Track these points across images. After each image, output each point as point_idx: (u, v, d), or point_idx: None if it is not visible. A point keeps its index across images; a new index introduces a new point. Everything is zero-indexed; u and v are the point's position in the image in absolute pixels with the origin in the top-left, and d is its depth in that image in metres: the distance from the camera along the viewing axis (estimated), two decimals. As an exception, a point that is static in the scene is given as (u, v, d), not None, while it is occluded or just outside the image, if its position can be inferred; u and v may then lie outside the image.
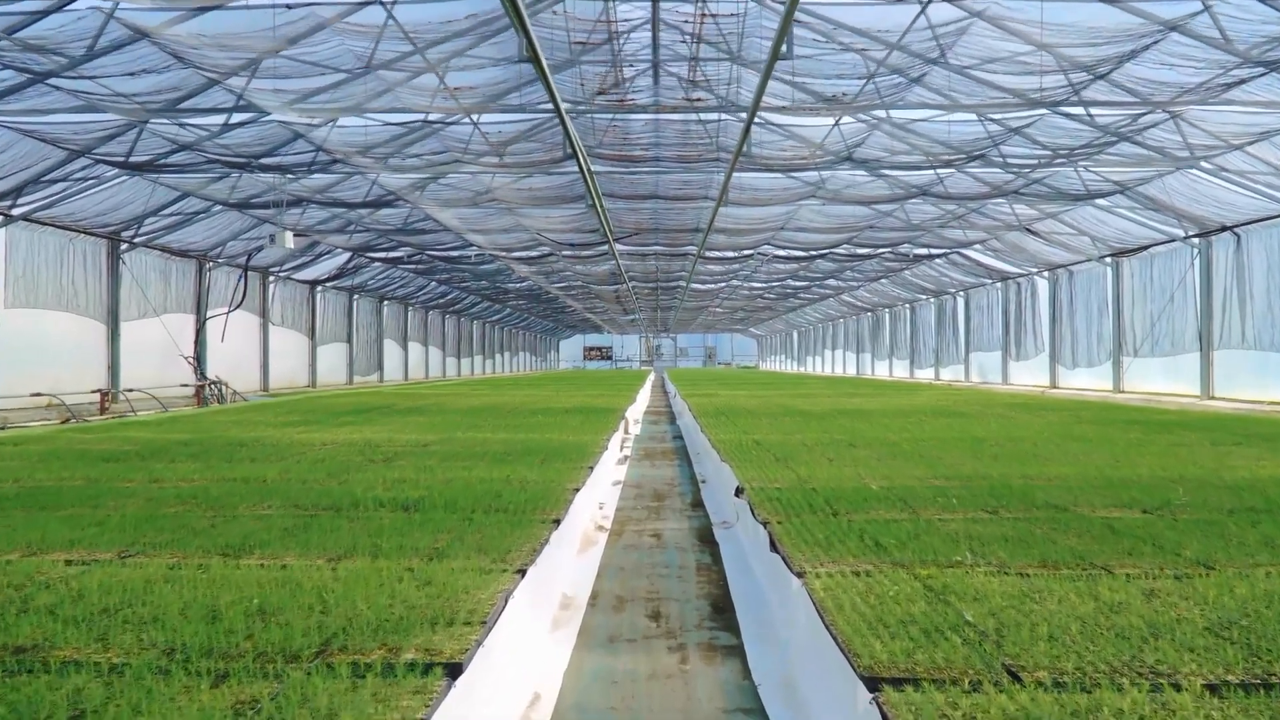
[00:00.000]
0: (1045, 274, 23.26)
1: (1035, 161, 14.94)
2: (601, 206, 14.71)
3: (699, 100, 11.76)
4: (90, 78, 9.13)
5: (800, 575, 3.74)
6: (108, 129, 11.48)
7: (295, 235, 19.81)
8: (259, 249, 18.80)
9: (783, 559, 4.13)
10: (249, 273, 19.21)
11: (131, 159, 12.60)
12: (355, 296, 29.90)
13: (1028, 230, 19.64)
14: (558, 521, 5.02)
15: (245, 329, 22.24)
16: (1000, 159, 15.01)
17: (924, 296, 33.02)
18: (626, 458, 10.99)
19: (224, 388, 18.24)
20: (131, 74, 9.14)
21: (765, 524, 4.95)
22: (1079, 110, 12.42)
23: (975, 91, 11.80)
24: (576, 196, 16.63)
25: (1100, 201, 16.41)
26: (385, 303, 33.26)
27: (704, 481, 8.82)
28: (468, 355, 47.92)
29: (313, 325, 26.34)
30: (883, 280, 32.23)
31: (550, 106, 8.82)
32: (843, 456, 7.83)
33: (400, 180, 16.09)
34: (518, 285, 36.89)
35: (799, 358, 63.19)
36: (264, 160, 13.74)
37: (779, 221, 20.36)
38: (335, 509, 5.21)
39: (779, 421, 11.86)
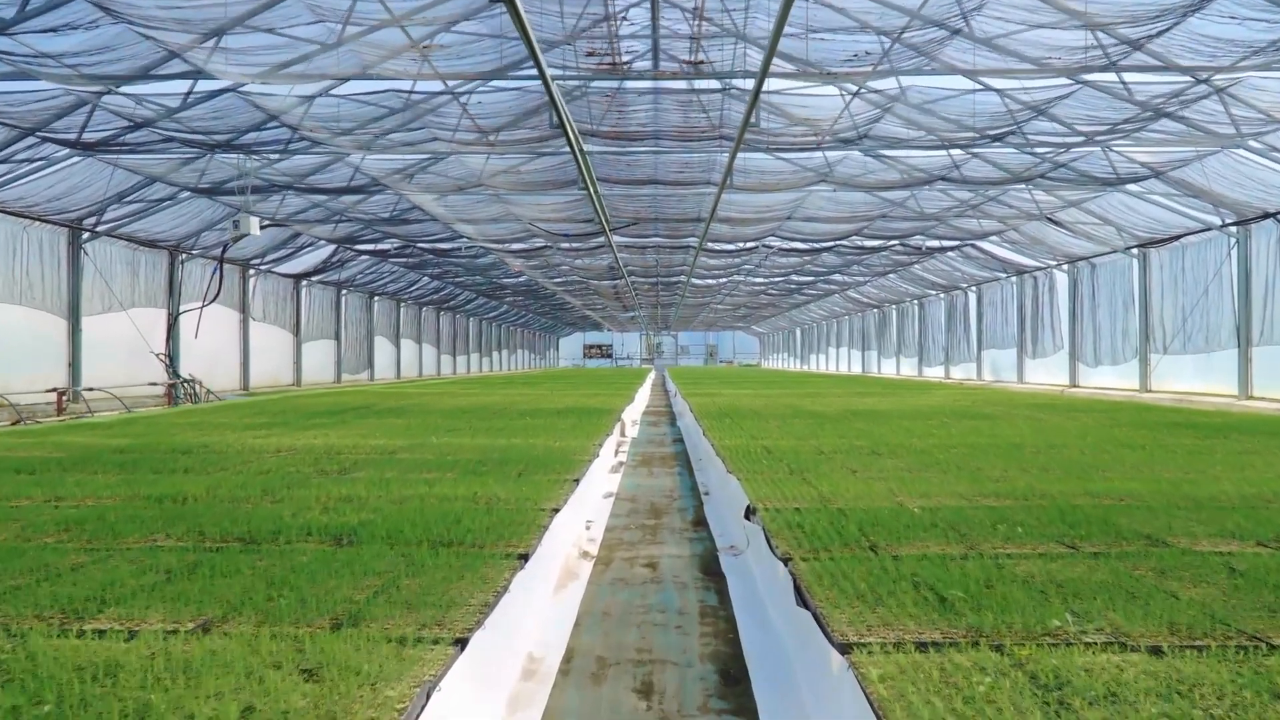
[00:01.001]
0: (1064, 267, 22.17)
1: (1062, 144, 13.88)
2: (596, 192, 13.66)
3: (702, 63, 10.69)
4: (12, 34, 8.07)
5: (845, 650, 2.70)
6: (43, 98, 10.41)
7: (273, 225, 18.78)
8: (235, 239, 17.76)
9: (815, 618, 3.10)
10: (224, 265, 18.19)
11: (84, 138, 11.58)
12: (343, 291, 28.82)
13: (1049, 219, 18.55)
14: (525, 557, 4.00)
15: (224, 325, 21.20)
16: (1024, 141, 13.94)
17: (934, 292, 31.93)
18: (622, 464, 9.98)
19: (198, 387, 17.21)
20: (54, 30, 8.08)
21: (786, 561, 3.93)
22: (1114, 82, 11.37)
23: (1001, 62, 10.77)
24: (569, 181, 15.56)
25: (1131, 187, 15.34)
26: (376, 298, 32.19)
27: (707, 494, 7.81)
28: (464, 353, 46.86)
29: (297, 321, 25.27)
30: (890, 275, 31.13)
31: (534, 71, 7.80)
32: (867, 467, 6.81)
33: (382, 164, 15.04)
34: (514, 281, 35.82)
35: (802, 356, 62.15)
36: (235, 141, 12.72)
37: (786, 210, 19.27)
38: (248, 540, 4.19)
39: (789, 424, 10.84)
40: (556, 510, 5.20)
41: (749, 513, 5.37)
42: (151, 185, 14.82)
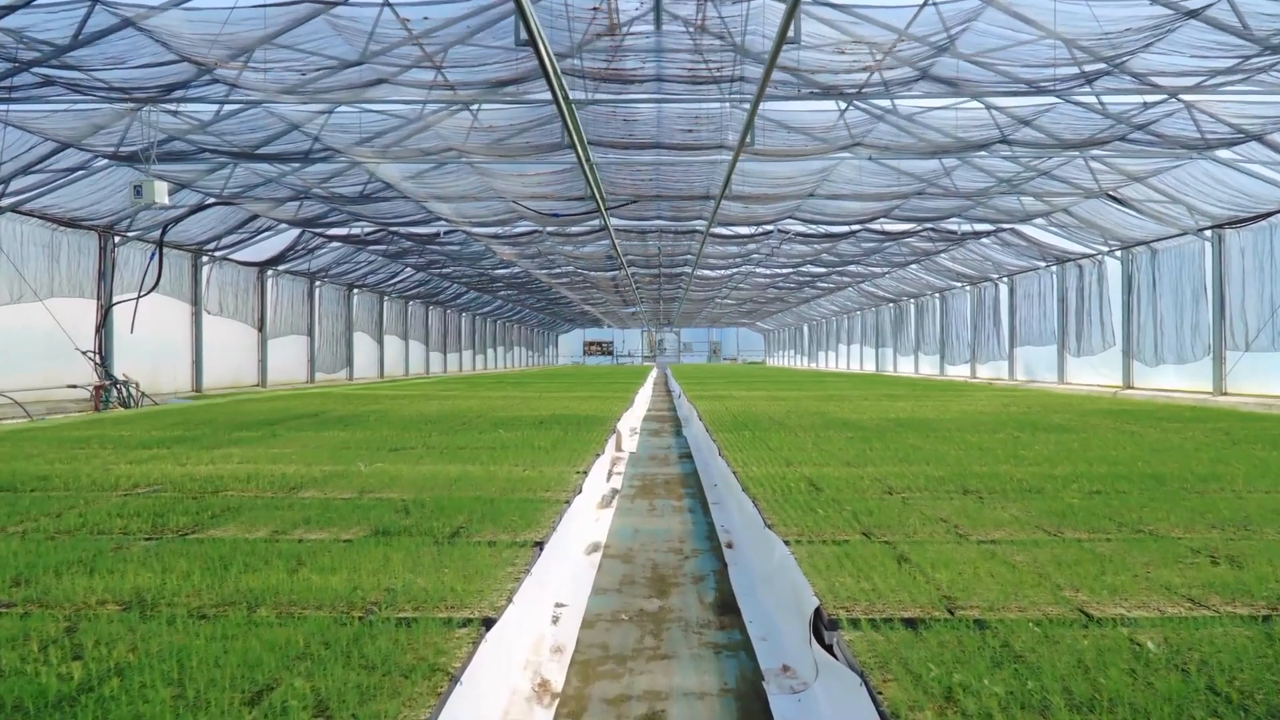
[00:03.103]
0: (1117, 253, 19.83)
1: (1141, 103, 11.64)
2: (587, 158, 11.46)
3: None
4: None
5: None
6: None
7: (221, 204, 16.55)
8: (175, 220, 15.50)
9: None
10: (169, 250, 15.95)
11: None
12: (317, 283, 26.47)
13: (1110, 197, 16.24)
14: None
15: (173, 319, 18.94)
16: (1097, 102, 11.71)
17: (959, 284, 29.58)
18: (615, 493, 7.76)
19: (133, 389, 15.01)
20: None
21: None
22: (1227, 18, 9.14)
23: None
24: (554, 145, 13.27)
25: (1222, 153, 13.07)
26: (355, 291, 29.85)
27: (730, 546, 5.63)
28: (455, 350, 44.53)
29: (262, 315, 22.92)
30: (912, 265, 28.77)
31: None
32: (974, 522, 4.61)
33: (331, 122, 12.78)
34: (506, 273, 33.52)
35: (810, 353, 59.84)
36: (151, 94, 10.49)
37: (810, 183, 16.96)
38: None
39: (824, 440, 8.63)
40: (489, 623, 3.03)
41: (821, 625, 3.16)
42: (64, 151, 12.59)
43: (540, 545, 4.23)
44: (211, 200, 15.76)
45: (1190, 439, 8.67)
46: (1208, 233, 16.29)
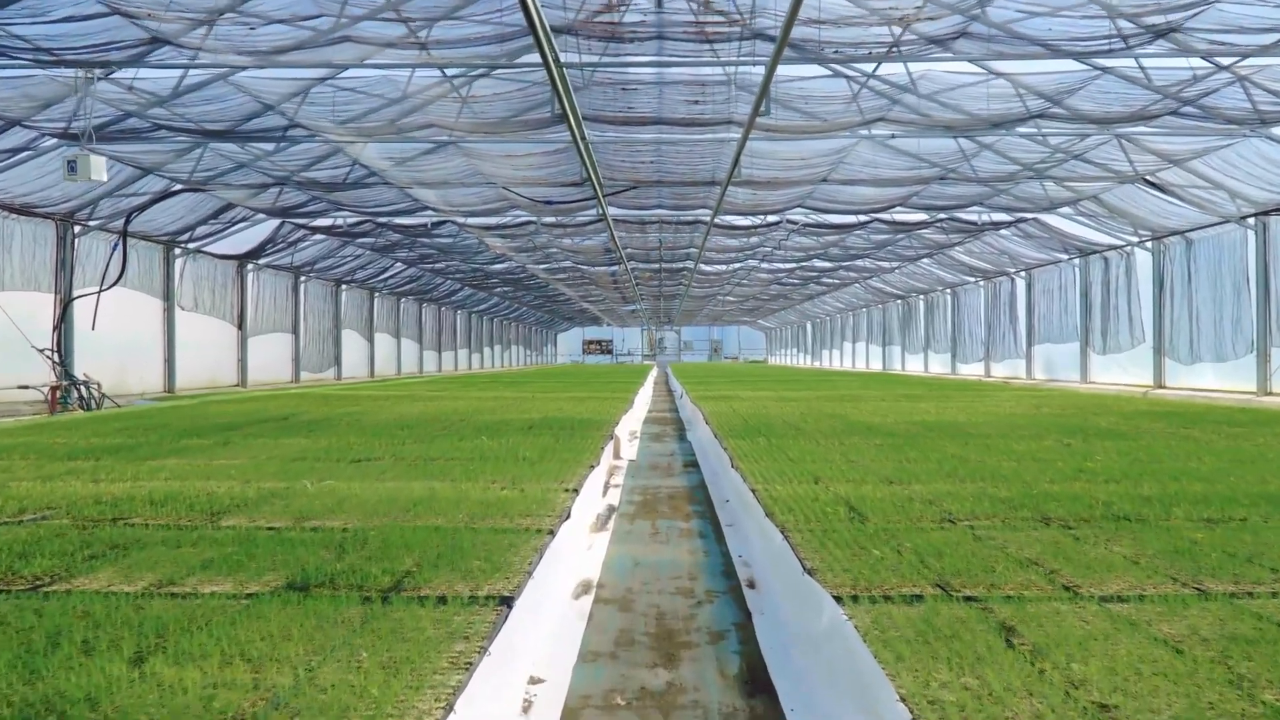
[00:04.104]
0: (1148, 244, 18.73)
1: (1191, 74, 10.56)
2: (582, 135, 10.41)
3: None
4: None
5: None
6: None
7: (189, 190, 15.45)
8: (140, 208, 14.41)
9: None
10: (136, 240, 14.86)
11: None
12: (302, 278, 25.33)
13: (1146, 182, 15.16)
14: None
15: (144, 315, 17.81)
16: (1141, 73, 10.62)
17: (972, 279, 28.46)
18: (612, 511, 6.69)
19: (94, 389, 13.94)
20: None
21: None
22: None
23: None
24: (545, 120, 12.17)
25: (1278, 131, 12.00)
26: (344, 287, 28.71)
27: (752, 586, 4.59)
28: (450, 349, 43.39)
29: (241, 311, 21.80)
30: (923, 260, 27.64)
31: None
32: (1078, 563, 3.58)
33: (314, 102, 11.68)
34: (501, 268, 32.39)
35: (813, 351, 58.71)
36: (97, 60, 9.40)
37: (823, 167, 15.85)
38: None
39: (850, 448, 7.59)
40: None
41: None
42: (8, 131, 11.51)
43: (509, 602, 3.18)
44: (178, 186, 14.69)
45: (1269, 447, 7.61)
46: (1250, 220, 15.20)
